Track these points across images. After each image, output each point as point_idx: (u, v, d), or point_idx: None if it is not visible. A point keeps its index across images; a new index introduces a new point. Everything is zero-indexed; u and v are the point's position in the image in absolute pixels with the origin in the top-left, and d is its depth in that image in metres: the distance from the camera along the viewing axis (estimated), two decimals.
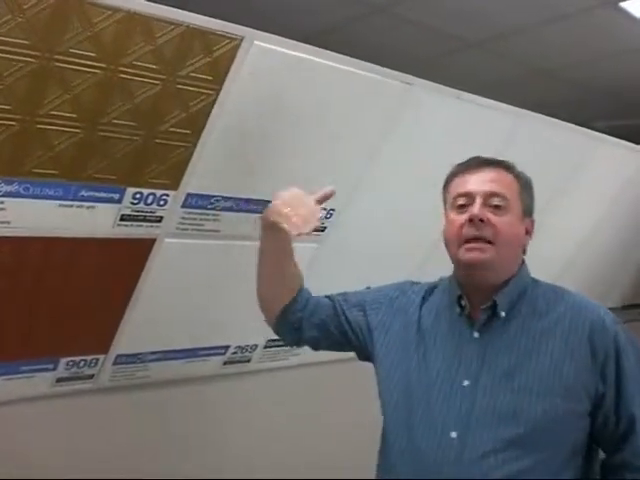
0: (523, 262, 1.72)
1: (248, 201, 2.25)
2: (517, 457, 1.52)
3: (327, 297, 1.94)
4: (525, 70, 3.77)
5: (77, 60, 1.68)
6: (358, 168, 2.47)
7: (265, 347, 2.77)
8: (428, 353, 1.68)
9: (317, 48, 2.09)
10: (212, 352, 2.61)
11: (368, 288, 2.00)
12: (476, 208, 1.63)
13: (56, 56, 1.65)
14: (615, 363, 1.56)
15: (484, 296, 1.65)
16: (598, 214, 3.79)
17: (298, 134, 2.22)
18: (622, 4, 2.95)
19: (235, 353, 2.69)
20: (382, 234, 2.67)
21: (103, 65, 1.72)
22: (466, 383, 1.59)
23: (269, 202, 2.24)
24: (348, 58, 2.17)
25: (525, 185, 1.73)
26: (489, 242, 1.61)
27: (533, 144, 2.91)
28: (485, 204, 1.64)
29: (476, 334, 1.64)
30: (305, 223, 1.75)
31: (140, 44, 1.74)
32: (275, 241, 1.85)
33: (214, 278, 2.39)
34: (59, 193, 1.87)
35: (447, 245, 1.71)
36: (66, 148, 1.79)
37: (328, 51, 2.11)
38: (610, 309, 4.25)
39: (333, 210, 2.49)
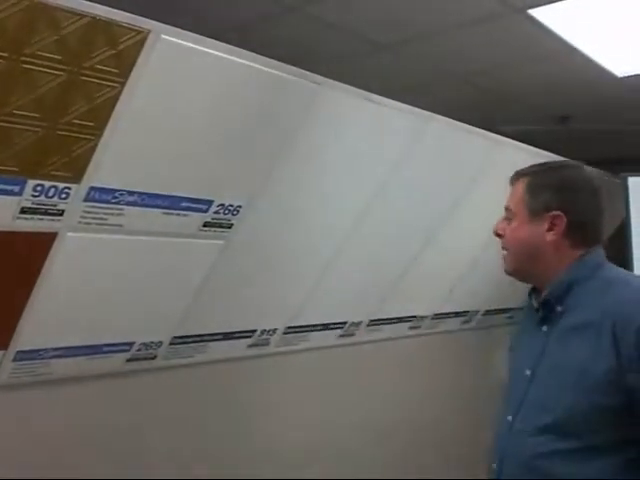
0: (586, 255, 1.82)
1: (153, 196, 2.22)
2: (549, 441, 1.67)
3: None
4: (435, 74, 3.84)
5: None
6: (264, 166, 2.47)
7: (171, 344, 2.74)
8: (518, 348, 1.94)
9: (226, 45, 2.08)
10: (116, 349, 2.57)
11: None
12: (496, 224, 1.96)
13: None
14: (638, 355, 1.60)
15: (541, 292, 1.84)
16: (497, 217, 3.86)
17: (204, 131, 2.21)
18: (531, 11, 3.03)
19: (139, 350, 2.66)
20: (288, 232, 2.69)
21: (5, 54, 1.68)
22: (527, 372, 1.78)
23: (175, 197, 2.26)
24: (257, 56, 2.17)
25: (533, 186, 1.88)
26: (507, 250, 1.89)
27: (438, 146, 2.97)
28: (504, 218, 1.94)
29: (544, 327, 1.80)
30: None
31: (44, 34, 1.70)
32: None
33: (118, 274, 2.36)
34: None
35: None
36: None
37: (237, 48, 2.10)
38: (511, 309, 4.38)
39: (240, 206, 2.49)
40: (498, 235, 1.92)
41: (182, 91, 2.07)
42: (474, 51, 3.58)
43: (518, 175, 1.95)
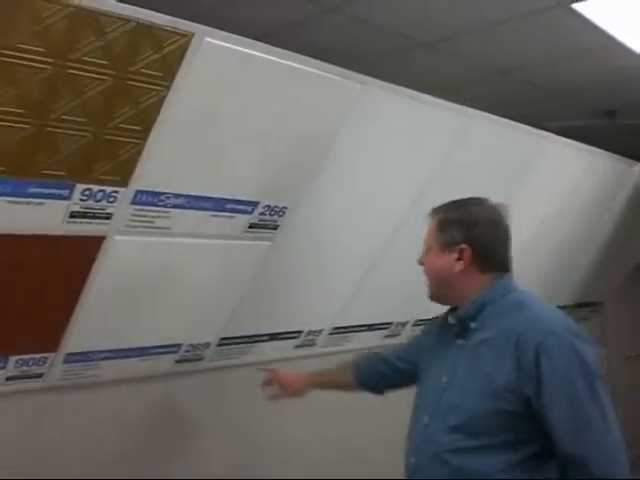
0: (493, 282, 2.01)
1: (199, 198, 2.24)
2: (457, 439, 1.88)
3: (383, 361, 2.44)
4: (477, 71, 3.79)
5: (25, 55, 1.65)
6: (311, 167, 2.47)
7: (218, 345, 2.76)
8: (433, 359, 2.11)
9: (269, 46, 2.08)
10: (164, 350, 2.59)
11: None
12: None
13: (3, 51, 1.62)
14: (535, 372, 1.80)
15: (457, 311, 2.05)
16: (548, 214, 3.84)
17: (250, 131, 2.21)
18: (574, 5, 2.98)
19: (188, 351, 2.67)
20: (334, 233, 2.69)
21: (52, 60, 1.70)
22: (444, 380, 1.98)
23: (220, 199, 2.27)
24: (301, 56, 2.17)
25: (442, 223, 2.08)
26: (428, 279, 2.11)
27: (483, 143, 2.95)
28: (424, 250, 2.13)
29: (460, 341, 2.00)
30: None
31: (89, 39, 1.72)
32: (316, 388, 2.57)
33: (165, 276, 2.38)
34: (7, 190, 1.85)
35: None
36: (15, 144, 1.77)
37: (280, 49, 2.10)
38: (560, 308, 4.32)
39: (286, 208, 2.49)
40: (422, 264, 2.12)
41: (226, 93, 2.08)
42: (517, 47, 3.53)
43: (433, 212, 2.13)
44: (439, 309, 3.17)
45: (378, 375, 2.43)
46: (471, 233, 2.02)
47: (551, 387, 1.79)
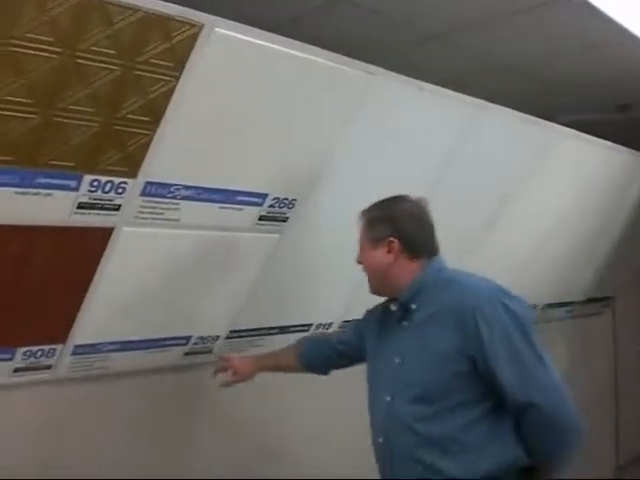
0: (429, 263, 2.20)
1: (209, 190, 2.22)
2: (422, 409, 2.05)
3: (327, 343, 2.60)
4: (487, 63, 3.75)
5: (33, 45, 1.64)
6: (320, 158, 2.46)
7: (227, 338, 2.76)
8: (380, 344, 2.27)
9: (279, 36, 2.07)
10: (173, 343, 2.59)
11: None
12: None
13: (11, 41, 1.61)
14: (475, 335, 1.99)
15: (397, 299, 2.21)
16: (560, 208, 3.81)
17: (259, 122, 2.20)
18: None
19: (197, 344, 2.67)
20: (344, 226, 2.66)
21: (60, 50, 1.69)
22: (397, 360, 2.15)
23: (230, 191, 2.26)
24: (310, 46, 2.15)
25: (370, 220, 2.24)
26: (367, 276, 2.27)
27: (494, 136, 2.93)
28: (360, 251, 2.28)
29: (405, 323, 2.18)
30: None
31: (98, 29, 1.71)
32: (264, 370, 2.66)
33: (174, 268, 2.37)
34: (15, 180, 1.84)
35: None
36: (22, 134, 1.76)
37: (290, 39, 2.09)
38: (572, 303, 4.31)
39: (295, 200, 2.48)
40: (359, 263, 2.27)
41: (236, 84, 2.06)
42: (528, 40, 3.49)
43: (361, 214, 2.28)
44: None
45: (322, 357, 2.57)
46: (396, 226, 2.19)
47: (492, 345, 1.98)
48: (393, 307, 2.23)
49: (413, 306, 2.16)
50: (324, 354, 2.57)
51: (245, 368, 2.63)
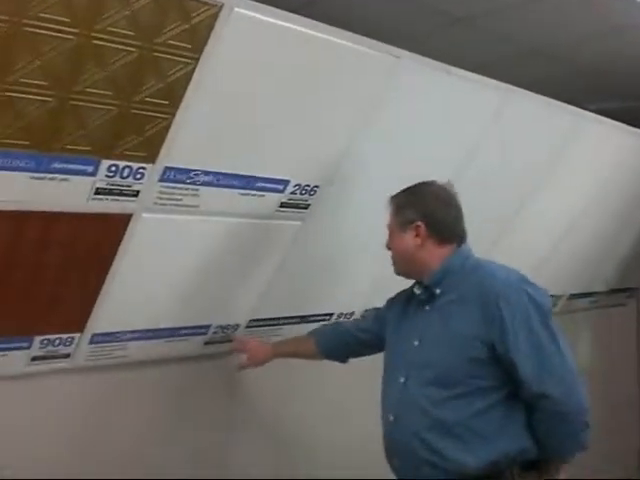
0: (455, 251, 2.23)
1: (229, 176, 2.18)
2: (436, 391, 2.09)
3: (346, 331, 2.63)
4: (515, 48, 3.68)
5: (48, 25, 1.59)
6: (343, 143, 2.40)
7: (247, 327, 2.72)
8: (400, 327, 2.31)
9: (302, 17, 2.01)
10: (193, 332, 2.55)
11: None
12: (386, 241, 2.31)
13: (26, 21, 1.56)
14: (498, 321, 2.03)
15: (422, 284, 2.25)
16: (585, 196, 3.74)
17: (281, 107, 2.15)
18: None
19: (216, 333, 2.63)
20: (367, 213, 2.62)
21: (76, 30, 1.64)
22: (416, 343, 2.19)
23: (250, 177, 2.21)
24: (335, 29, 2.09)
25: (397, 206, 2.27)
26: (393, 260, 2.31)
27: (521, 121, 2.87)
28: (388, 236, 2.31)
29: (427, 307, 2.22)
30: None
31: (115, 9, 1.66)
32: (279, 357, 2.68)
33: (194, 255, 2.33)
34: (30, 165, 1.79)
35: None
36: (37, 117, 1.71)
37: (312, 20, 2.03)
38: (595, 294, 4.26)
39: (317, 187, 2.43)
40: (389, 248, 2.30)
41: (257, 67, 2.01)
42: (556, 24, 3.42)
43: (390, 200, 2.30)
44: None
45: (341, 344, 2.60)
46: (424, 211, 2.22)
47: (513, 332, 2.02)
48: (417, 290, 2.26)
49: (437, 290, 2.20)
50: (343, 341, 2.60)
51: (260, 353, 2.65)
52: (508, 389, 2.06)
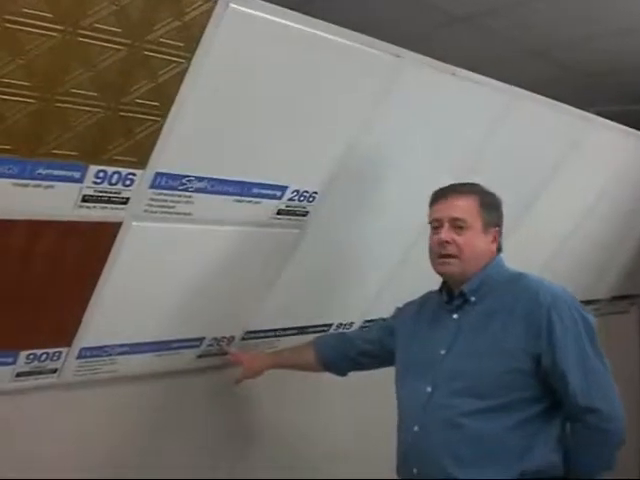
0: (495, 258, 2.20)
1: (223, 182, 2.08)
2: (468, 402, 2.02)
3: (348, 342, 2.53)
4: (516, 48, 3.63)
5: (30, 21, 1.50)
6: (343, 146, 2.31)
7: (243, 339, 2.62)
8: (421, 336, 2.23)
9: (300, 14, 1.91)
10: (185, 345, 2.45)
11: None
12: (443, 233, 2.14)
13: (7, 17, 1.47)
14: (548, 333, 1.99)
15: (458, 287, 2.17)
16: (588, 201, 3.67)
17: (278, 108, 2.05)
18: None
19: (211, 345, 2.54)
20: (368, 220, 2.53)
21: (60, 27, 1.54)
22: (442, 352, 2.11)
23: (246, 183, 2.12)
24: (333, 26, 1.99)
25: (485, 203, 2.18)
26: (454, 256, 2.14)
27: (527, 124, 2.79)
28: (451, 226, 2.14)
29: (455, 315, 2.16)
30: None
31: (102, 4, 1.56)
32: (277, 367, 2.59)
33: (187, 265, 2.24)
34: (13, 171, 1.69)
35: (429, 254, 2.21)
36: (19, 120, 1.61)
37: (312, 18, 1.94)
38: (597, 301, 4.22)
39: (316, 193, 2.34)
40: (446, 242, 2.13)
41: (253, 66, 1.91)
42: (556, 24, 3.38)
43: (461, 191, 2.19)
44: None
45: (342, 356, 2.50)
46: (500, 216, 2.23)
47: (564, 343, 1.98)
48: (445, 297, 2.20)
49: (473, 299, 2.14)
50: (345, 353, 2.50)
51: (256, 364, 2.55)
52: (547, 402, 2.03)
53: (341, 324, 2.92)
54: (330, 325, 2.88)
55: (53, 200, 1.80)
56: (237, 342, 2.60)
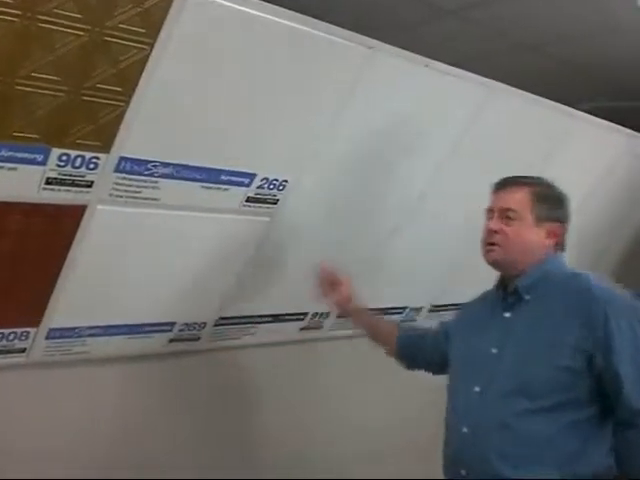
0: (553, 255, 2.12)
1: (190, 168, 2.09)
2: (520, 403, 1.96)
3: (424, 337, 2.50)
4: (503, 42, 3.60)
5: None
6: (314, 137, 2.31)
7: (215, 325, 2.63)
8: (474, 334, 2.18)
9: (266, 3, 1.91)
10: (156, 329, 2.47)
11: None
12: (492, 222, 2.13)
13: None
14: (603, 330, 1.91)
15: (512, 282, 2.11)
16: (575, 198, 3.62)
17: (245, 97, 2.06)
18: None
19: (182, 330, 2.55)
20: (340, 209, 2.53)
21: (19, 12, 1.56)
22: (494, 351, 2.06)
23: (213, 170, 2.12)
24: (299, 15, 1.99)
25: (540, 197, 2.12)
26: (498, 245, 2.10)
27: (505, 119, 2.76)
28: (501, 217, 2.12)
29: (507, 314, 2.10)
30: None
31: None
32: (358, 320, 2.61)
33: (155, 250, 2.24)
34: None
35: (481, 242, 2.18)
36: None
37: (277, 7, 1.93)
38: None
39: (286, 181, 2.34)
40: (494, 232, 2.12)
41: (217, 54, 1.91)
42: (547, 18, 3.34)
43: (516, 182, 2.17)
44: (457, 294, 3.01)
45: (417, 347, 2.49)
46: (563, 212, 2.16)
47: (619, 341, 1.90)
48: (501, 294, 2.16)
49: (527, 297, 2.08)
50: (419, 345, 2.49)
51: (346, 302, 2.55)
52: (598, 407, 1.97)
53: (317, 313, 2.93)
54: (305, 313, 2.89)
55: (17, 182, 1.82)
56: (209, 328, 2.61)
